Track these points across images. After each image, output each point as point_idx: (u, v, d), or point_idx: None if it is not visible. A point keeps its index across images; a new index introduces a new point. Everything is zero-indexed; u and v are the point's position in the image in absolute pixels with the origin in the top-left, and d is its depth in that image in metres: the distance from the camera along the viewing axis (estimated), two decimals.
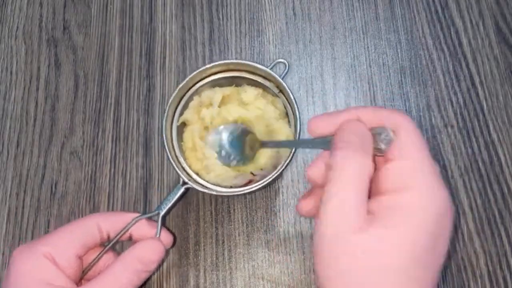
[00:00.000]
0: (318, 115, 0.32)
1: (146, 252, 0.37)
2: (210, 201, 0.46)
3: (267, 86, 0.44)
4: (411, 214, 0.27)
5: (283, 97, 0.44)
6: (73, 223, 0.37)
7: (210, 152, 0.42)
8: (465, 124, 0.49)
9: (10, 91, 0.51)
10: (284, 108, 0.44)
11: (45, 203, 0.47)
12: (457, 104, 0.49)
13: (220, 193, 0.40)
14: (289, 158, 0.40)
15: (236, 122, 0.44)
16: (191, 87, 0.44)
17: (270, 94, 0.44)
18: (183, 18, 0.53)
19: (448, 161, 0.47)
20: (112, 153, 0.48)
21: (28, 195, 0.47)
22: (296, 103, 0.41)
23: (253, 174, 0.42)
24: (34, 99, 0.51)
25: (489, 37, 0.52)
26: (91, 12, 0.54)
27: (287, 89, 0.41)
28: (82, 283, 0.37)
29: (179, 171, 0.41)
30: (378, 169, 0.29)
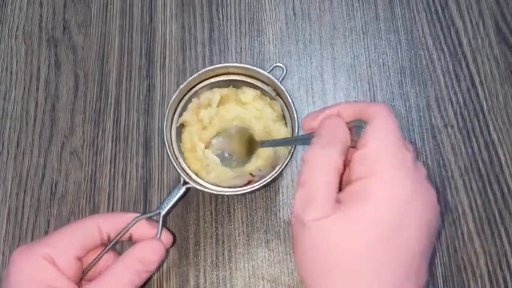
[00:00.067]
0: (310, 113, 0.34)
1: (147, 253, 0.37)
2: (210, 201, 0.46)
3: (265, 90, 0.44)
4: (371, 197, 0.27)
5: (281, 101, 0.44)
6: (73, 225, 0.37)
7: (213, 157, 0.43)
8: (465, 124, 0.49)
9: (10, 91, 0.51)
10: (282, 111, 0.44)
11: (45, 203, 0.47)
12: (457, 104, 0.49)
13: (221, 193, 0.41)
14: (288, 158, 0.40)
15: (234, 122, 0.44)
16: (190, 90, 0.44)
17: (268, 97, 0.45)
18: (183, 18, 0.53)
19: (448, 161, 0.47)
20: (112, 153, 0.48)
21: (28, 195, 0.47)
22: (294, 107, 0.41)
23: (252, 175, 0.42)
24: (34, 99, 0.51)
25: (489, 37, 0.52)
26: (91, 12, 0.54)
27: (285, 93, 0.42)
28: (82, 284, 0.37)
29: (180, 171, 0.41)
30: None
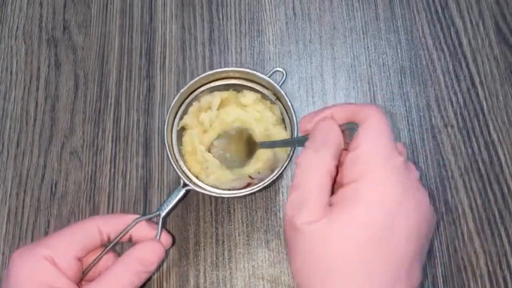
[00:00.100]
0: (307, 114, 0.34)
1: (147, 253, 0.37)
2: (210, 201, 0.46)
3: (265, 94, 0.44)
4: (362, 200, 0.27)
5: (280, 105, 0.44)
6: (73, 226, 0.37)
7: (213, 160, 0.43)
8: (465, 124, 0.49)
9: (10, 91, 0.51)
10: (281, 115, 0.44)
11: (45, 203, 0.47)
12: (457, 104, 0.49)
13: (221, 195, 0.41)
14: (287, 162, 0.40)
15: (235, 124, 0.44)
16: (191, 93, 0.45)
17: (268, 101, 0.45)
18: (183, 18, 0.53)
19: (448, 161, 0.47)
20: (112, 153, 0.48)
21: (28, 195, 0.47)
22: (294, 111, 0.42)
23: (251, 178, 0.42)
24: (34, 99, 0.51)
25: (489, 37, 0.52)
26: (91, 12, 0.54)
27: (285, 97, 0.42)
28: (82, 284, 0.37)
29: (180, 173, 0.41)
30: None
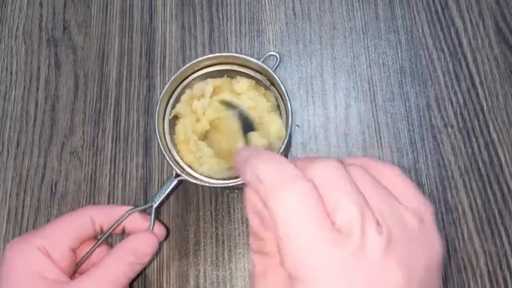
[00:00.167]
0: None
1: (140, 245, 0.37)
2: (210, 201, 0.46)
3: (259, 79, 0.43)
4: None
5: (275, 90, 0.43)
6: (66, 216, 0.37)
7: (206, 149, 0.42)
8: (465, 124, 0.49)
9: (10, 91, 0.51)
10: (276, 101, 0.43)
11: (45, 203, 0.47)
12: (457, 104, 0.49)
13: (214, 185, 0.40)
14: (282, 149, 0.39)
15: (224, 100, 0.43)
16: (183, 81, 0.44)
17: (262, 87, 0.44)
18: (183, 18, 0.53)
19: (448, 161, 0.47)
20: (112, 153, 0.48)
21: (28, 195, 0.47)
22: (288, 96, 0.41)
23: None
24: (34, 99, 0.51)
25: (489, 37, 0.52)
26: (91, 12, 0.54)
27: (279, 81, 0.41)
28: (76, 277, 0.37)
29: (172, 163, 0.40)
30: None
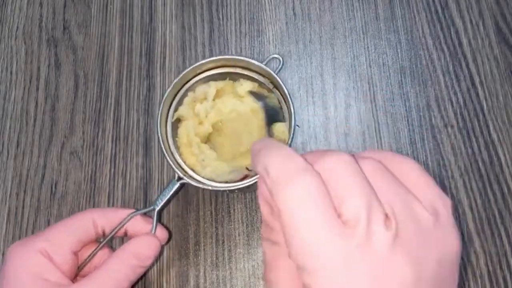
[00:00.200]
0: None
1: (142, 248, 0.37)
2: (210, 201, 0.46)
3: (262, 82, 0.44)
4: None
5: (278, 93, 0.43)
6: (69, 219, 0.37)
7: (210, 152, 0.42)
8: (465, 124, 0.49)
9: (10, 91, 0.51)
10: (279, 103, 0.44)
11: (45, 203, 0.47)
12: (457, 104, 0.49)
13: (216, 188, 0.40)
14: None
15: (231, 115, 0.43)
16: (185, 83, 0.44)
17: (265, 90, 0.44)
18: (183, 18, 0.53)
19: (448, 161, 0.47)
20: (112, 153, 0.48)
21: (28, 195, 0.47)
22: (291, 98, 0.41)
23: (248, 169, 0.42)
24: (34, 99, 0.51)
25: (489, 37, 0.52)
26: (91, 12, 0.54)
27: (281, 84, 0.41)
28: (78, 280, 0.37)
29: (174, 166, 0.40)
30: None
